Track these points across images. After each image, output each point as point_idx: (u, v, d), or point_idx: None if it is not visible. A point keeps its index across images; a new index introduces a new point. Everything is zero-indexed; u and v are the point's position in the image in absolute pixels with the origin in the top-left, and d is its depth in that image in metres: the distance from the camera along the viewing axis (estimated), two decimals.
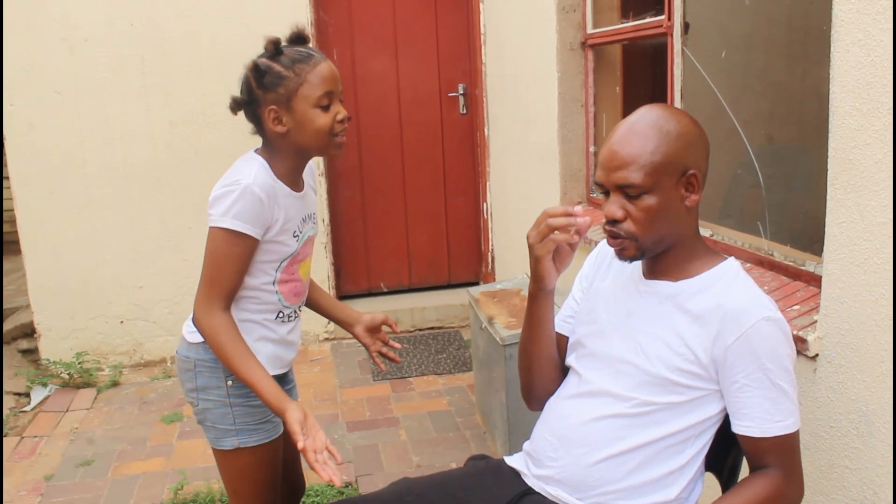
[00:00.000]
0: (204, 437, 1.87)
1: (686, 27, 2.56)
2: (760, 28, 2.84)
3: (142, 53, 4.00)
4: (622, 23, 3.03)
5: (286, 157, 1.69)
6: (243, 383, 1.63)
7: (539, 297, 1.56)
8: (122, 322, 4.16)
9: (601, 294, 1.59)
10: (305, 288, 1.84)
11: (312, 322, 4.45)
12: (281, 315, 1.77)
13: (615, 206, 1.41)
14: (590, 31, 3.21)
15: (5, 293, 5.07)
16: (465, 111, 4.75)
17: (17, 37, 3.88)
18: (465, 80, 4.71)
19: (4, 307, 4.73)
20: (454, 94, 4.73)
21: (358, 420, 3.48)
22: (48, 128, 3.97)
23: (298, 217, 1.74)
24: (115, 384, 4.00)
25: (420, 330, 4.63)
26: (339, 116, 1.66)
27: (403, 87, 4.67)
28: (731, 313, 1.37)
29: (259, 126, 1.69)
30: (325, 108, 1.64)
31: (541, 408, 1.64)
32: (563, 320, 1.67)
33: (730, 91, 2.49)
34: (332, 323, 4.45)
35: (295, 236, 1.73)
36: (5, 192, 6.45)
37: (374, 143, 4.69)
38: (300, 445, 1.49)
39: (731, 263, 1.47)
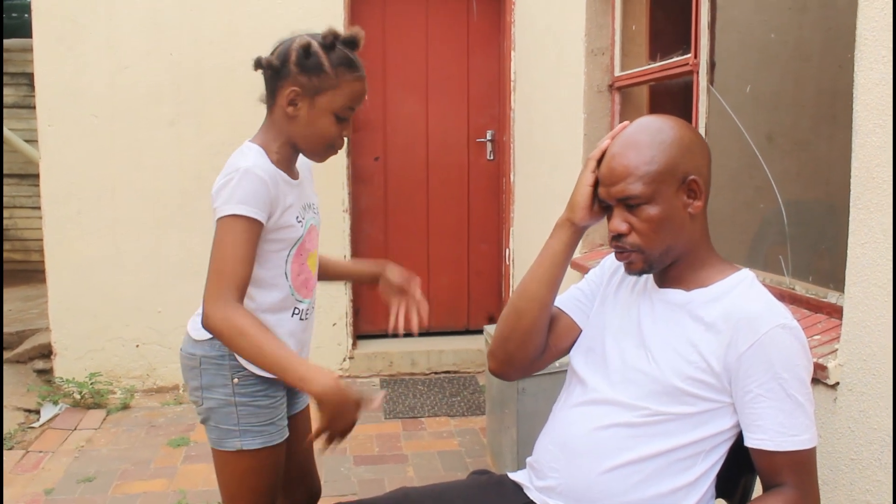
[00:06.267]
0: (209, 460, 1.81)
1: (712, 66, 2.57)
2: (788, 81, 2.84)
3: (178, 82, 4.10)
4: (650, 65, 3.05)
5: (282, 143, 1.67)
6: (268, 371, 1.55)
7: (564, 229, 1.51)
8: (137, 346, 4.16)
9: (613, 301, 1.55)
10: (315, 280, 1.81)
11: (327, 358, 4.43)
12: (297, 311, 1.74)
13: (618, 221, 1.40)
14: (617, 73, 3.23)
15: (28, 316, 5.12)
16: (492, 157, 4.78)
17: (62, 59, 4.01)
18: (493, 127, 4.76)
19: (25, 329, 4.77)
20: (482, 139, 4.77)
21: (366, 455, 3.41)
22: (82, 150, 4.06)
23: (299, 204, 1.71)
24: (125, 407, 3.97)
25: (436, 373, 4.57)
26: (346, 134, 1.67)
27: (432, 131, 4.72)
28: (745, 320, 1.33)
29: (271, 96, 1.67)
30: (340, 121, 1.64)
31: (516, 377, 1.59)
32: (565, 298, 1.61)
33: (747, 119, 2.48)
34: (347, 360, 4.49)
35: (298, 221, 1.70)
36: (29, 221, 6.61)
37: (401, 185, 4.72)
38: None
39: (746, 273, 1.43)
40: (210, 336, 1.63)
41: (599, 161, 1.45)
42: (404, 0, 4.60)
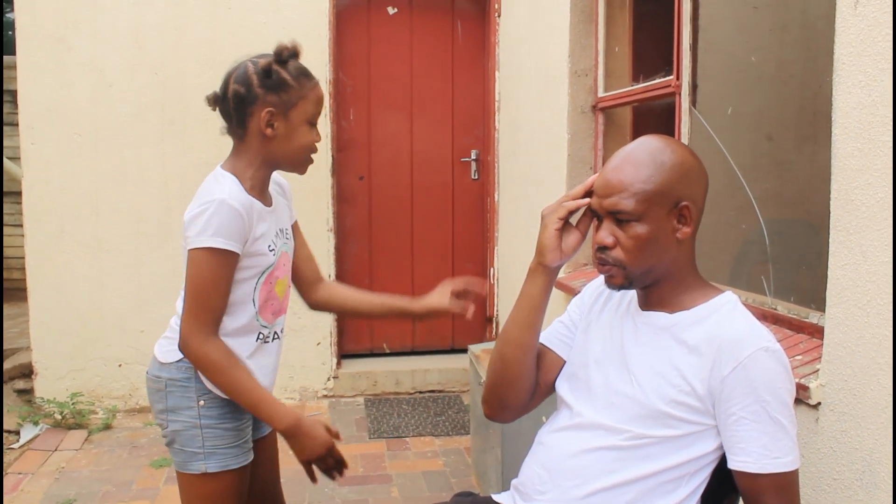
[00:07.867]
0: None
1: (694, 87, 2.60)
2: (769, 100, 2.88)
3: (162, 102, 4.09)
4: (632, 86, 3.08)
5: (257, 167, 1.69)
6: (245, 408, 1.65)
7: (537, 273, 1.52)
8: (120, 365, 4.12)
9: (597, 325, 1.56)
10: (283, 307, 1.81)
11: (311, 378, 4.41)
12: (261, 336, 1.74)
13: (605, 233, 1.41)
14: (601, 94, 3.26)
15: (9, 335, 5.07)
16: (476, 177, 4.79)
17: (45, 77, 4.00)
18: (478, 146, 4.78)
19: (6, 348, 4.72)
20: (467, 159, 4.78)
21: (350, 475, 3.37)
22: (65, 168, 4.04)
23: (271, 232, 1.72)
24: (107, 427, 3.93)
25: (421, 392, 4.55)
26: (318, 139, 1.73)
27: (417, 150, 4.73)
28: (728, 343, 1.34)
29: (240, 125, 1.69)
30: (312, 127, 1.70)
31: (511, 419, 1.60)
32: (549, 334, 1.63)
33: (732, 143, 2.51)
34: (331, 380, 4.46)
35: (271, 249, 1.71)
36: (11, 239, 6.55)
37: (385, 204, 4.73)
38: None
39: (729, 296, 1.44)
40: (177, 359, 1.69)
41: (572, 212, 1.48)
42: (389, 19, 4.63)
